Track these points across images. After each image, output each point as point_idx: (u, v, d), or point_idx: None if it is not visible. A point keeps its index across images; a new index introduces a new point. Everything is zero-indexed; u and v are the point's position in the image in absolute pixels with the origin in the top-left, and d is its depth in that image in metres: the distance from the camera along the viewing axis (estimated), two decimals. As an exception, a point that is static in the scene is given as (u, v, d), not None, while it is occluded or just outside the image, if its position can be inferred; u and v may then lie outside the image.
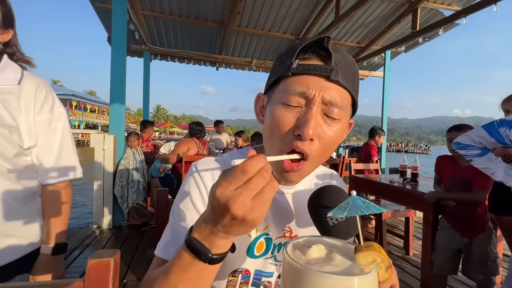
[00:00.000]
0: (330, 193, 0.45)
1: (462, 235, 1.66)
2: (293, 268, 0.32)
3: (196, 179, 0.54)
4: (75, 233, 2.99)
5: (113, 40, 3.23)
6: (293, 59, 0.44)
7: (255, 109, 0.56)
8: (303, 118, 0.43)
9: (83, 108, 33.73)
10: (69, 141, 0.87)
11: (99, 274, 0.45)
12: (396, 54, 5.90)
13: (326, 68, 0.43)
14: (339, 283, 0.29)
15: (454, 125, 1.78)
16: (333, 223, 0.42)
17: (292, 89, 0.44)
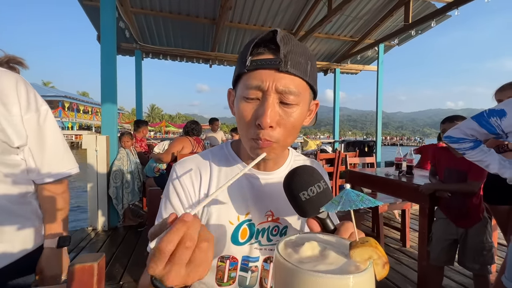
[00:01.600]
0: (302, 171, 0.47)
1: (457, 226, 1.67)
2: (284, 268, 0.30)
3: (175, 184, 0.59)
4: (70, 235, 2.94)
5: (102, 39, 3.16)
6: (247, 56, 0.48)
7: (229, 103, 0.60)
8: (260, 109, 0.48)
9: (76, 109, 33.23)
10: (60, 137, 0.85)
11: (82, 279, 0.42)
12: (389, 47, 5.91)
13: (275, 61, 0.47)
14: (333, 282, 0.28)
15: (447, 117, 1.77)
16: (305, 198, 0.43)
17: (248, 84, 0.48)
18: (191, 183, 0.59)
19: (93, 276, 0.43)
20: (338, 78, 6.83)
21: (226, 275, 0.60)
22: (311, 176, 0.46)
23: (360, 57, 6.28)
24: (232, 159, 0.63)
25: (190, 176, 0.60)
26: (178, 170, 0.61)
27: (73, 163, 0.88)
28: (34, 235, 0.80)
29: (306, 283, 0.28)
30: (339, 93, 6.99)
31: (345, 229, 0.43)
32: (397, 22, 5.02)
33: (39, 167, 0.79)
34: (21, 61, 0.85)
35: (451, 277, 2.16)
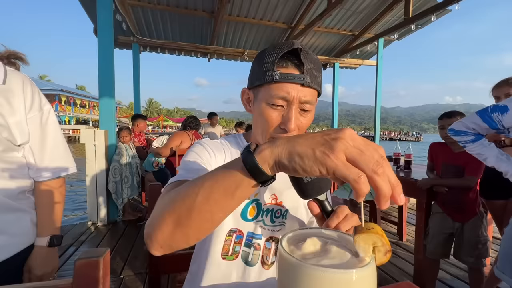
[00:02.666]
0: None
1: (454, 220, 1.69)
2: (289, 263, 0.31)
3: (204, 144, 0.67)
4: (70, 230, 2.96)
5: (99, 32, 3.11)
6: (275, 69, 0.57)
7: (242, 100, 0.68)
8: (287, 116, 0.58)
9: (73, 103, 32.92)
10: (61, 137, 0.87)
11: (88, 274, 0.43)
12: (389, 42, 5.88)
13: (300, 77, 0.56)
14: (337, 276, 0.29)
15: (445, 112, 1.78)
16: (307, 180, 0.46)
17: (275, 94, 0.57)
18: (217, 152, 0.67)
19: (99, 270, 0.43)
20: (337, 73, 6.80)
21: (231, 248, 0.65)
22: None
23: (359, 52, 6.25)
24: (244, 145, 0.71)
25: (217, 147, 0.68)
26: (206, 140, 0.69)
27: (71, 163, 0.90)
28: (32, 231, 0.81)
29: (310, 278, 0.29)
30: (337, 88, 6.97)
31: (341, 211, 0.48)
32: (397, 16, 4.98)
33: (39, 165, 0.81)
34: (22, 56, 0.85)
35: (446, 270, 2.20)
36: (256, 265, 0.67)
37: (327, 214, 0.49)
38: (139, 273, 2.12)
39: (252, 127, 0.70)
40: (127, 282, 2.01)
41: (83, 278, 0.43)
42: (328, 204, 0.51)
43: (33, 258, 0.79)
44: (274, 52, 0.58)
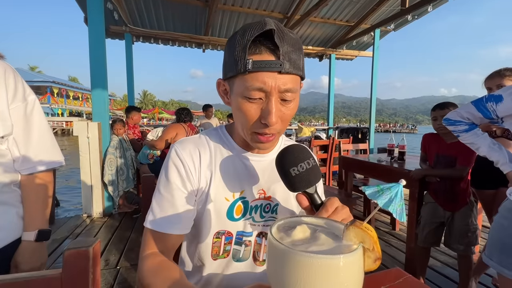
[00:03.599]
0: (293, 149, 0.50)
1: (445, 209, 1.73)
2: (278, 250, 0.31)
3: (175, 161, 0.61)
4: (65, 222, 2.95)
5: (89, 20, 3.02)
6: (247, 57, 0.49)
7: (219, 92, 0.61)
8: (266, 109, 0.52)
9: (65, 95, 32.30)
10: (47, 128, 0.84)
11: (77, 264, 0.43)
12: (385, 33, 5.84)
13: (276, 63, 0.49)
14: (324, 262, 0.29)
15: (438, 104, 1.79)
16: (295, 173, 0.46)
17: (251, 85, 0.50)
18: (192, 160, 0.62)
19: (88, 260, 0.43)
20: (333, 64, 6.76)
21: (221, 249, 0.65)
22: (301, 153, 0.49)
23: (355, 43, 6.20)
24: (226, 139, 0.67)
25: (190, 153, 0.62)
26: (178, 148, 0.63)
27: (59, 155, 0.87)
28: (21, 222, 0.80)
29: (299, 263, 0.29)
30: (333, 80, 6.94)
31: (330, 204, 0.46)
32: (394, 7, 4.93)
33: (24, 158, 0.78)
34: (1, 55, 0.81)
35: (436, 258, 2.27)
36: (248, 260, 0.67)
37: (316, 207, 0.48)
38: (135, 264, 2.14)
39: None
40: (124, 273, 2.02)
41: (72, 268, 0.42)
42: (317, 197, 0.48)
43: (20, 253, 0.77)
44: (244, 37, 0.50)
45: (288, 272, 0.30)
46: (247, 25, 0.52)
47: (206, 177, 0.62)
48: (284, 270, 0.31)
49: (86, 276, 0.43)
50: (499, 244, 1.11)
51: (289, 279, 0.30)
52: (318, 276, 0.29)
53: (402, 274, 0.61)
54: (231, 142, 0.66)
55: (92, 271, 0.43)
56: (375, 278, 0.58)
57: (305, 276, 0.29)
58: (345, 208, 0.47)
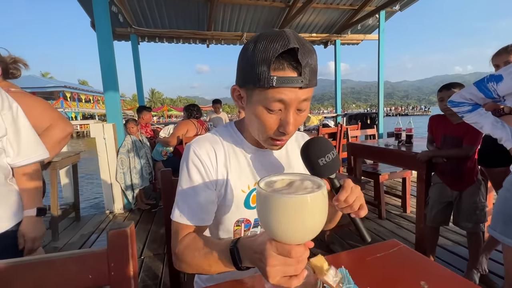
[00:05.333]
0: (320, 141, 0.56)
1: (452, 189, 1.76)
2: (262, 196, 0.41)
3: (194, 160, 0.68)
4: (90, 219, 3.15)
5: (97, 25, 3.13)
6: (270, 72, 0.53)
7: (233, 97, 0.65)
8: (285, 120, 0.57)
9: (77, 99, 33.15)
10: (30, 129, 1.01)
11: (119, 241, 0.52)
12: (391, 14, 5.67)
13: (299, 80, 0.53)
14: (295, 200, 0.38)
15: (444, 85, 1.80)
16: (323, 163, 0.52)
17: (272, 97, 0.55)
18: (209, 159, 0.68)
19: (127, 238, 0.52)
20: (338, 50, 6.65)
21: (242, 235, 0.73)
22: (326, 145, 0.54)
23: (360, 26, 6.07)
24: (237, 137, 0.73)
25: (207, 152, 0.68)
26: (195, 148, 0.69)
27: (44, 150, 1.04)
28: (21, 208, 0.98)
29: (276, 203, 0.39)
30: (339, 66, 6.84)
31: (348, 185, 0.53)
32: (399, -14, 4.77)
33: (17, 153, 0.95)
34: (26, 63, 1.01)
35: (447, 237, 2.30)
36: None
37: (336, 190, 0.54)
38: (158, 254, 2.30)
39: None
40: (148, 262, 2.18)
41: (115, 245, 0.52)
42: (337, 180, 0.54)
43: (25, 225, 0.97)
44: (267, 52, 0.52)
45: (269, 211, 0.40)
46: (266, 37, 0.53)
47: (223, 173, 0.69)
48: (266, 210, 0.40)
49: (127, 251, 0.52)
50: (502, 215, 1.16)
51: (272, 217, 0.40)
52: (293, 212, 0.38)
53: (397, 244, 0.68)
54: (242, 139, 0.72)
55: (131, 246, 0.53)
56: (372, 248, 0.65)
57: (282, 212, 0.39)
58: (358, 187, 0.54)
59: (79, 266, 0.51)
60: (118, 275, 0.52)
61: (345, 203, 0.52)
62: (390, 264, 0.60)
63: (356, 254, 0.66)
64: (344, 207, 0.53)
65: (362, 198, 0.54)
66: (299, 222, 0.39)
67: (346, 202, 0.52)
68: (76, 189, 3.16)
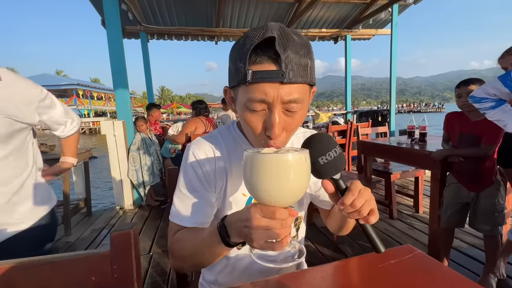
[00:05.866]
0: (320, 138, 0.50)
1: (469, 190, 1.68)
2: (247, 157, 0.43)
3: (192, 162, 0.67)
4: (101, 215, 3.22)
5: (107, 23, 3.16)
6: (247, 67, 0.48)
7: (226, 99, 0.61)
8: (268, 122, 0.51)
9: (90, 96, 33.96)
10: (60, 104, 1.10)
11: (122, 243, 0.51)
12: (404, 7, 5.48)
13: (278, 74, 0.47)
14: (276, 158, 0.41)
15: (462, 80, 1.72)
16: (323, 162, 0.48)
17: (252, 97, 0.50)
18: (208, 160, 0.66)
19: (130, 239, 0.51)
20: (349, 46, 6.50)
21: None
22: (328, 142, 0.49)
23: (372, 21, 5.90)
24: (239, 138, 0.69)
25: (206, 154, 0.67)
26: (194, 149, 0.67)
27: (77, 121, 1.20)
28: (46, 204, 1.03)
29: (259, 161, 0.41)
30: (350, 62, 6.70)
31: (355, 187, 0.48)
32: (413, -22, 4.60)
33: (61, 129, 1.14)
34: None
35: (462, 239, 2.22)
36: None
37: (341, 192, 0.49)
38: (166, 250, 2.32)
39: None
40: (156, 258, 2.20)
41: (118, 247, 0.51)
42: (342, 182, 0.49)
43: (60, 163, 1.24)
44: (245, 46, 0.48)
45: (252, 171, 0.42)
46: (250, 31, 0.50)
47: (223, 175, 0.67)
48: (251, 170, 0.42)
49: (130, 253, 0.51)
50: None
51: (254, 176, 0.42)
52: (275, 169, 0.40)
53: (412, 250, 0.64)
54: (244, 140, 0.69)
55: (134, 248, 0.52)
56: (385, 253, 0.62)
57: (264, 170, 0.41)
58: (367, 190, 0.49)
59: (82, 268, 0.50)
60: (121, 278, 0.51)
61: (351, 207, 0.47)
62: (405, 272, 0.57)
63: (368, 260, 0.62)
64: (351, 212, 0.48)
65: (372, 202, 0.49)
66: (282, 181, 0.41)
67: (353, 207, 0.47)
68: (87, 185, 3.22)
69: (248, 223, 0.44)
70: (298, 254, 0.47)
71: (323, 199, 0.77)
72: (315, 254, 2.15)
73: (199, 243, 0.58)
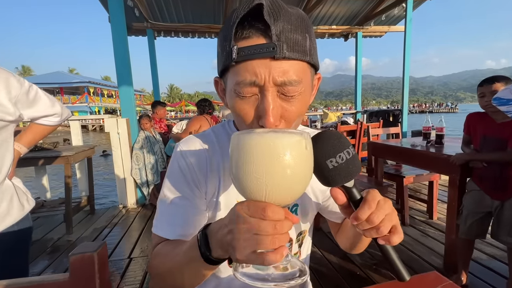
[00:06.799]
0: (329, 135, 0.40)
1: (492, 198, 1.54)
2: (233, 140, 0.35)
3: (180, 163, 0.57)
4: (104, 213, 3.19)
5: (111, 18, 3.12)
6: (232, 44, 0.40)
7: (218, 93, 0.53)
8: (261, 107, 0.42)
9: (100, 94, 34.56)
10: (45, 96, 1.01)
11: (83, 269, 0.42)
12: (419, 2, 5.25)
13: (268, 47, 0.39)
14: (268, 136, 0.32)
15: (486, 78, 1.57)
16: (333, 165, 0.38)
17: (241, 80, 0.41)
18: (198, 162, 0.57)
19: (94, 265, 0.42)
20: (360, 43, 6.30)
21: None
22: (339, 141, 0.39)
23: (385, 17, 5.68)
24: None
25: (196, 153, 0.58)
26: (182, 147, 0.58)
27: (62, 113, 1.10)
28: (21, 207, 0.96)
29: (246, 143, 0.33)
30: (361, 60, 6.49)
31: (372, 199, 0.38)
32: (429, -29, 4.39)
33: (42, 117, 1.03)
34: None
35: (482, 249, 2.06)
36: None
37: (355, 203, 0.40)
38: (166, 252, 2.24)
39: None
40: (156, 260, 2.13)
41: (79, 273, 0.42)
42: (356, 191, 0.40)
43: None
44: (230, 20, 0.41)
45: (239, 156, 0.33)
46: (239, 5, 0.42)
47: (215, 178, 0.57)
48: (237, 154, 0.33)
49: (93, 281, 0.42)
50: None
51: (241, 162, 0.33)
52: (268, 153, 0.31)
53: (441, 279, 0.53)
54: None
55: (99, 276, 0.42)
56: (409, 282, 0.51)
57: (251, 153, 0.32)
58: (388, 201, 0.39)
59: (34, 298, 0.41)
60: (82, 311, 0.42)
61: (368, 223, 0.38)
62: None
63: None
64: (368, 229, 0.38)
65: (394, 217, 0.39)
66: (275, 165, 0.32)
67: (370, 223, 0.37)
68: (91, 183, 3.20)
69: (231, 226, 0.34)
70: (299, 274, 0.36)
71: (332, 210, 0.67)
72: (321, 261, 2.04)
73: (178, 258, 0.47)
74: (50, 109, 1.00)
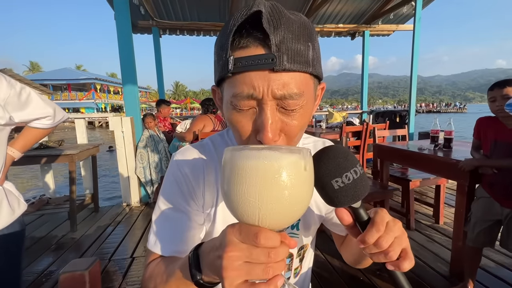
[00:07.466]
0: (335, 152, 0.36)
1: (503, 206, 1.49)
2: (226, 157, 0.32)
3: (176, 175, 0.54)
4: (107, 211, 3.21)
5: (116, 15, 3.11)
6: (229, 53, 0.38)
7: (216, 102, 0.51)
8: (259, 122, 0.39)
9: (107, 90, 34.88)
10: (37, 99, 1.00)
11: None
12: (429, 1, 5.14)
13: (267, 58, 0.36)
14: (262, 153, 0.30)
15: (497, 82, 1.51)
16: (339, 186, 0.35)
17: (238, 93, 0.38)
18: (195, 173, 0.54)
19: (85, 284, 0.40)
20: (367, 42, 6.20)
21: None
22: (345, 159, 0.36)
23: (393, 16, 5.57)
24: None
25: (193, 165, 0.55)
26: (179, 158, 0.56)
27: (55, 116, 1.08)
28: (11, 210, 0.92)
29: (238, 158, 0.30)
30: (368, 59, 6.39)
31: (381, 220, 0.36)
32: (440, -31, 4.27)
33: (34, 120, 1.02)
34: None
35: (489, 256, 2.01)
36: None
37: (361, 224, 0.38)
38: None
39: None
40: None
41: (69, 292, 0.40)
42: (363, 211, 0.38)
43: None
44: (227, 28, 0.38)
45: (231, 174, 0.30)
46: (236, 11, 0.40)
47: (212, 190, 0.55)
48: (230, 172, 0.30)
49: (84, 301, 0.40)
50: None
51: (232, 182, 0.30)
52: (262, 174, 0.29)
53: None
54: None
55: (90, 295, 0.41)
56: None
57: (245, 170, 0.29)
58: (398, 223, 0.37)
59: (23, 318, 0.40)
60: (72, 331, 0.40)
61: (376, 247, 0.35)
62: None
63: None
64: (375, 254, 0.36)
65: (404, 240, 0.37)
66: (267, 185, 0.29)
67: (378, 247, 0.35)
68: (95, 181, 3.22)
69: (220, 251, 0.31)
70: None
71: (336, 222, 0.64)
72: (324, 265, 2.01)
73: (169, 279, 0.44)
74: (42, 110, 0.99)
